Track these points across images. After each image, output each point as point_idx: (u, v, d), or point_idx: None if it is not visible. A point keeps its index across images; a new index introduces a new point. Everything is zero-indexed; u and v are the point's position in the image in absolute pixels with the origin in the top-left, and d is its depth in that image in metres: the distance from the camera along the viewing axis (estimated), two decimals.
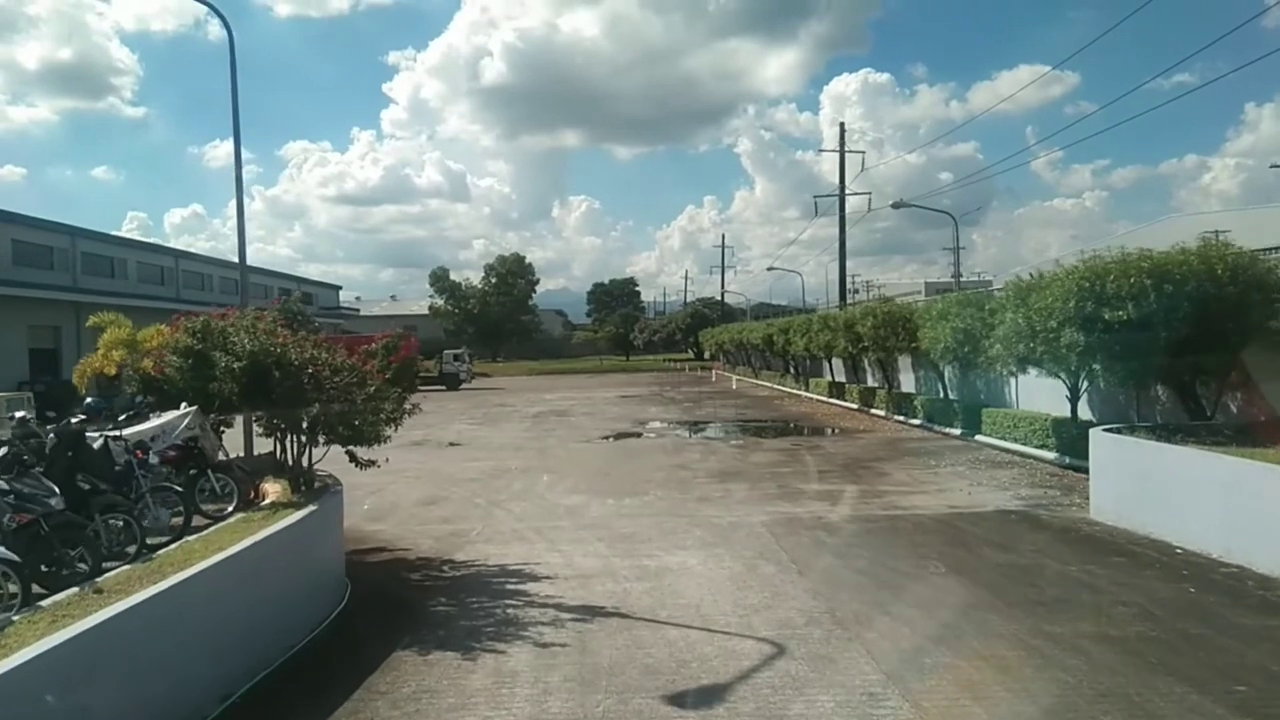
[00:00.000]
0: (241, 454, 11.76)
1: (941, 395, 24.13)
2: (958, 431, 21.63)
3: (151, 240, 48.09)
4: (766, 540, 10.65)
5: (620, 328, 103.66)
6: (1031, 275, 15.00)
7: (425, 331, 72.28)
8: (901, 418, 25.35)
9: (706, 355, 79.20)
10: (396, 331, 10.40)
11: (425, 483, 16.30)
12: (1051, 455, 16.96)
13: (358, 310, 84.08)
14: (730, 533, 11.14)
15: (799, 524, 11.66)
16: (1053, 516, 11.88)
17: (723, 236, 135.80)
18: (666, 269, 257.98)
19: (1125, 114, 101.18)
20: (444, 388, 51.50)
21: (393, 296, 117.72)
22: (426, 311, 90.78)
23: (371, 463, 9.62)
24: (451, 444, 23.13)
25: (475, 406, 37.39)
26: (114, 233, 43.31)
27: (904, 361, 27.18)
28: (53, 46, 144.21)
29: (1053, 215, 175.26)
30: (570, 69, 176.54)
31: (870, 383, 31.31)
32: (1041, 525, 11.37)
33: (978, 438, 20.45)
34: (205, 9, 13.79)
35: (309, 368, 8.10)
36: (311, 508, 7.78)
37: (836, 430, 24.14)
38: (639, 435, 24.34)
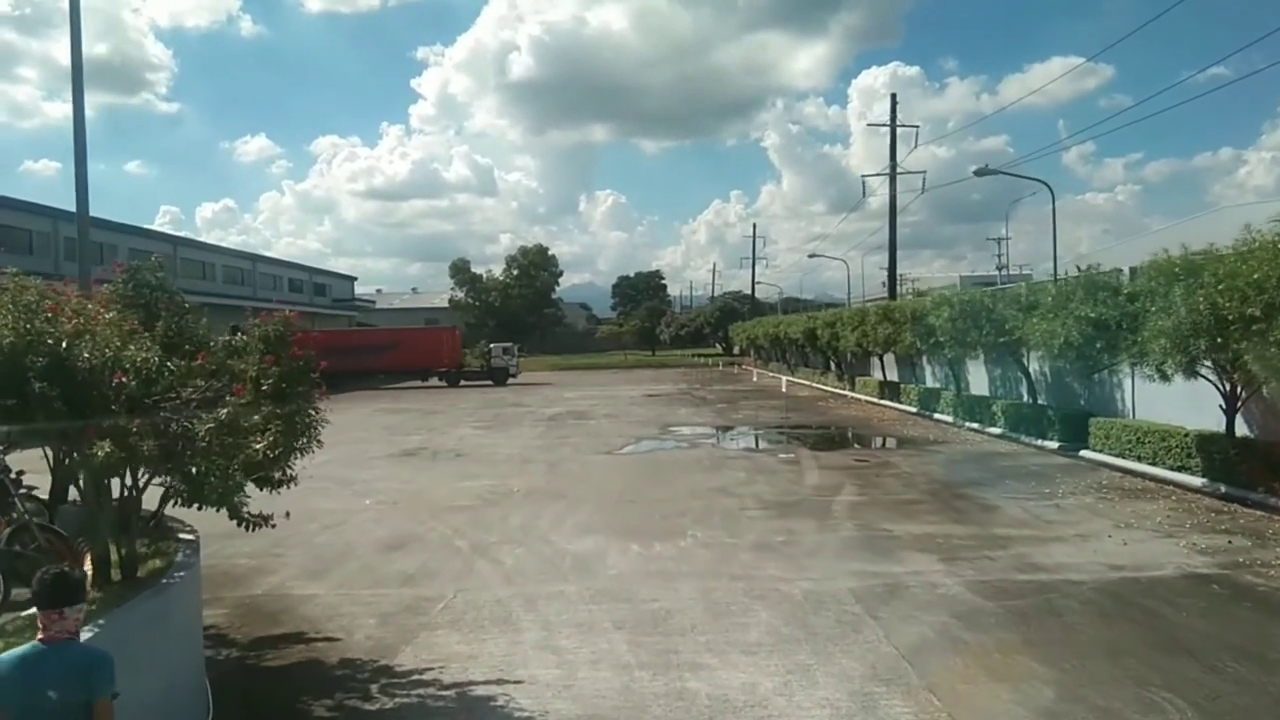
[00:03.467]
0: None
1: (1028, 400, 20.35)
2: (1054, 444, 17.87)
3: (152, 228, 44.83)
4: (871, 633, 7.04)
5: (646, 321, 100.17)
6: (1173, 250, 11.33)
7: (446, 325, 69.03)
8: (976, 425, 21.59)
9: (736, 350, 75.49)
10: (282, 312, 6.84)
11: (400, 512, 12.85)
12: (1198, 481, 13.27)
13: (374, 302, 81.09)
14: (811, 615, 7.55)
15: (909, 598, 8.04)
16: (1277, 589, 8.17)
17: (754, 226, 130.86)
18: (692, 264, 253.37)
19: (1159, 107, 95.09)
20: (490, 383, 48.36)
21: (414, 289, 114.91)
22: (447, 304, 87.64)
23: (261, 522, 6.13)
24: (451, 453, 19.68)
25: (486, 406, 34.01)
26: (104, 217, 40.20)
27: (971, 359, 23.43)
28: (88, 42, 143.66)
29: (1084, 209, 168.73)
30: (598, 63, 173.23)
31: (930, 382, 27.56)
32: (1274, 607, 7.67)
33: (1084, 454, 16.70)
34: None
35: (113, 373, 4.63)
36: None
37: (903, 440, 20.42)
38: (669, 445, 20.76)
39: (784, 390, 37.90)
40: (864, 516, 11.72)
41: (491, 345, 52.35)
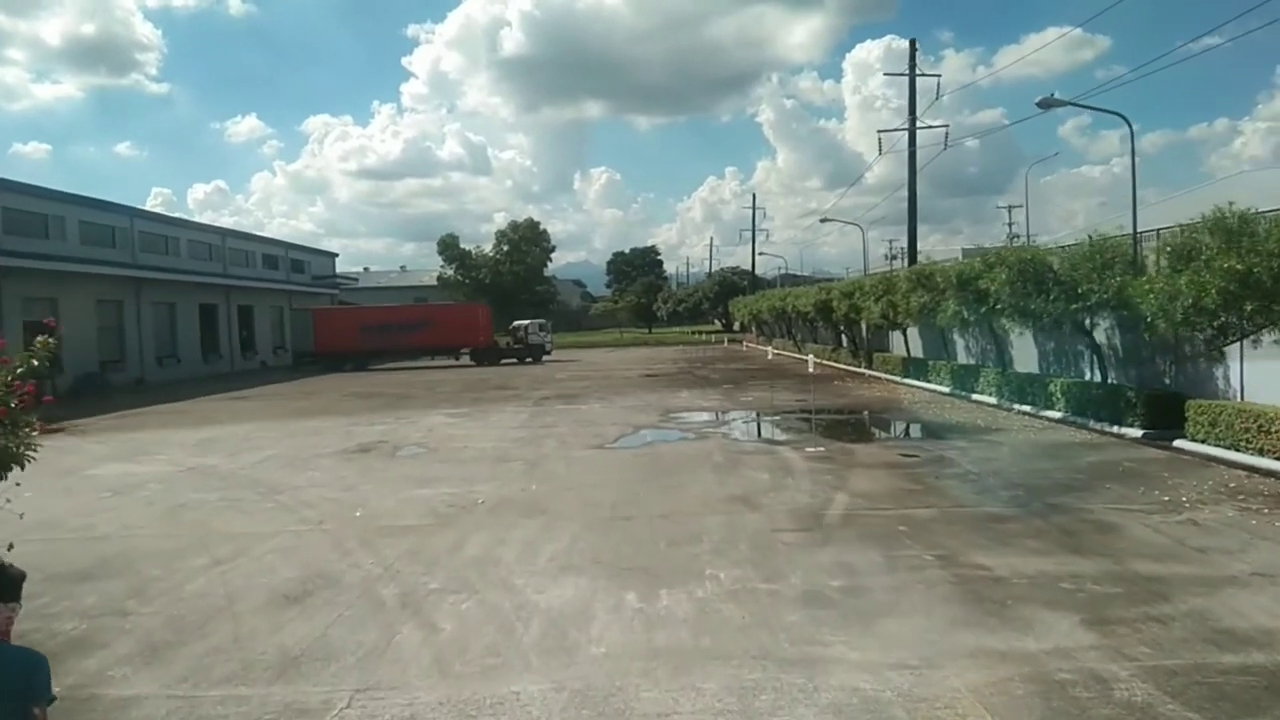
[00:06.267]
0: None
1: (1096, 379, 17.30)
2: (1135, 432, 14.86)
3: (111, 200, 41.35)
4: None
5: (642, 298, 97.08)
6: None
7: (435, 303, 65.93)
8: (1028, 408, 18.56)
9: (737, 327, 72.47)
10: None
11: (324, 538, 9.75)
12: None
13: (356, 280, 77.55)
14: None
15: (1078, 714, 4.97)
16: None
17: (753, 196, 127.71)
18: (687, 241, 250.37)
19: (1154, 78, 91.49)
20: (515, 360, 46.67)
21: (402, 267, 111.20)
22: (435, 283, 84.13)
23: None
24: (413, 448, 16.59)
25: (467, 388, 30.94)
26: (49, 186, 36.72)
27: (1015, 332, 20.39)
28: (76, 22, 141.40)
29: (1080, 182, 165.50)
30: (590, 38, 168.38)
31: (964, 358, 24.50)
32: None
33: (1179, 444, 13.71)
34: None
35: None
36: None
37: (947, 427, 17.33)
38: (672, 436, 17.67)
39: (793, 368, 34.81)
40: (942, 541, 8.65)
41: (528, 322, 49.97)
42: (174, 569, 8.61)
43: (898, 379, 27.24)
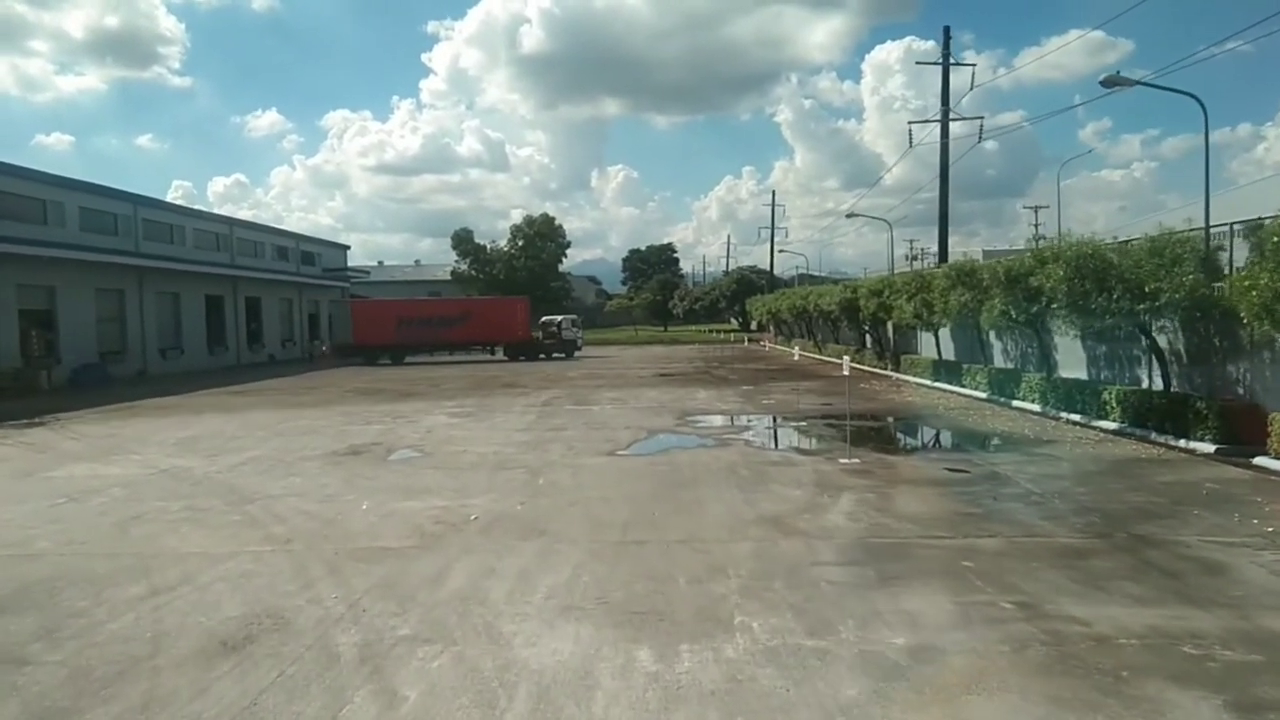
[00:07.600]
0: None
1: (1156, 385, 15.77)
2: (1207, 447, 13.36)
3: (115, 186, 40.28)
4: None
5: (658, 295, 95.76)
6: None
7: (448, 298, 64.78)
8: (1078, 417, 17.03)
9: (754, 325, 71.00)
10: None
11: (284, 562, 8.37)
12: None
13: (368, 273, 76.35)
14: None
15: None
16: None
17: (773, 194, 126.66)
18: (704, 240, 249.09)
19: (1176, 81, 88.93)
20: (541, 356, 47.09)
21: (417, 261, 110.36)
22: (449, 277, 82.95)
23: None
24: (408, 452, 15.24)
25: (477, 386, 29.63)
26: (48, 170, 35.62)
27: (1061, 334, 18.84)
28: (99, 15, 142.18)
29: (1100, 186, 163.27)
30: (609, 35, 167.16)
31: (1001, 361, 22.96)
32: None
33: (1261, 462, 12.28)
34: None
35: None
36: None
37: (992, 437, 15.81)
38: (689, 442, 16.21)
39: (815, 369, 33.29)
40: (1019, 583, 7.18)
41: (560, 318, 50.10)
42: (102, 600, 7.27)
43: (928, 382, 25.71)
